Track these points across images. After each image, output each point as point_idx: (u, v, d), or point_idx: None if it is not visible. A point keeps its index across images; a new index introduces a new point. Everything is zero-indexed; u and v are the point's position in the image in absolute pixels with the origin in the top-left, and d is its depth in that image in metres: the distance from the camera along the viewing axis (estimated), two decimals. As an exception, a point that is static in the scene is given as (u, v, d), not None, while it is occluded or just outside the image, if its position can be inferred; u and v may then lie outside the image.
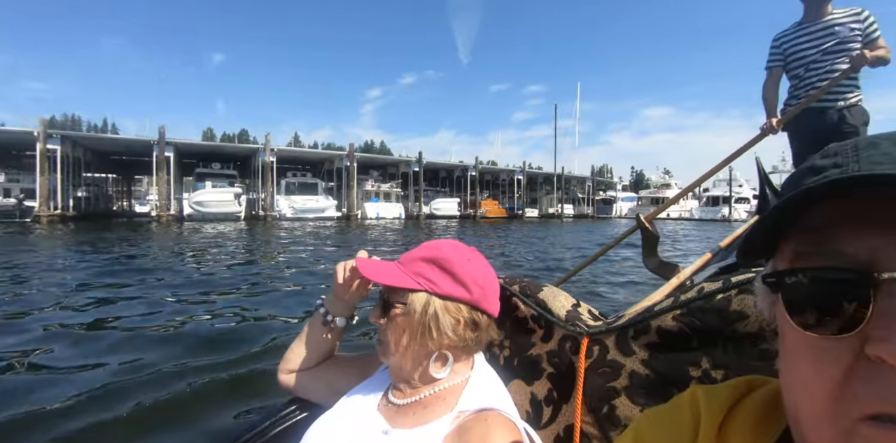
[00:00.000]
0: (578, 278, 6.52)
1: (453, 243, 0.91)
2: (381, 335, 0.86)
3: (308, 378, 1.04)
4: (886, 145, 0.34)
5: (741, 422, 0.45)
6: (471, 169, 43.92)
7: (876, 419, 0.30)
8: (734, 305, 0.75)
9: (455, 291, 0.84)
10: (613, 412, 0.83)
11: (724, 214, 49.36)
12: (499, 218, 43.29)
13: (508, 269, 8.46)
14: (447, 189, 49.66)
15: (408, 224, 29.39)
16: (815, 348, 0.34)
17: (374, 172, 41.82)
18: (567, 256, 10.73)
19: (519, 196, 48.69)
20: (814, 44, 2.83)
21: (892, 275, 0.31)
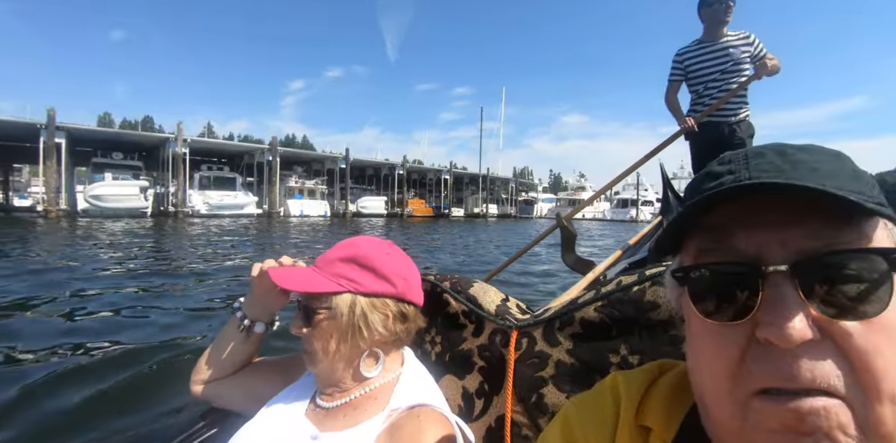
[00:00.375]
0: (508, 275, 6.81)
1: (369, 239, 0.89)
2: (307, 345, 0.83)
3: (226, 387, 0.98)
4: (770, 155, 0.39)
5: (655, 402, 0.49)
6: (398, 167, 43.68)
7: (765, 393, 0.34)
8: (648, 295, 0.82)
9: (379, 287, 0.83)
10: (542, 401, 0.87)
11: (632, 215, 54.05)
12: (426, 217, 43.59)
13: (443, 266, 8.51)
14: (373, 187, 49.14)
15: (334, 222, 28.55)
16: (716, 334, 0.38)
17: (297, 167, 40.18)
18: (497, 253, 11.14)
19: (446, 196, 49.27)
20: (714, 63, 3.18)
21: (777, 268, 0.35)
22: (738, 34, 3.15)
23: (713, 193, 0.37)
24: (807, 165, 0.37)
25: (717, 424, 0.39)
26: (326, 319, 0.81)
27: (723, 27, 3.15)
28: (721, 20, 3.11)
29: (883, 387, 0.33)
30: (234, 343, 0.97)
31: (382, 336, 0.83)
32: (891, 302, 0.34)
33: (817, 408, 0.33)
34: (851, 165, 0.40)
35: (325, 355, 0.81)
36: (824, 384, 0.33)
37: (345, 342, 0.81)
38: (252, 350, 1.00)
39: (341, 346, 0.81)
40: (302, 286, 0.81)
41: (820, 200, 0.34)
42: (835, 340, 0.34)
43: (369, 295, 0.82)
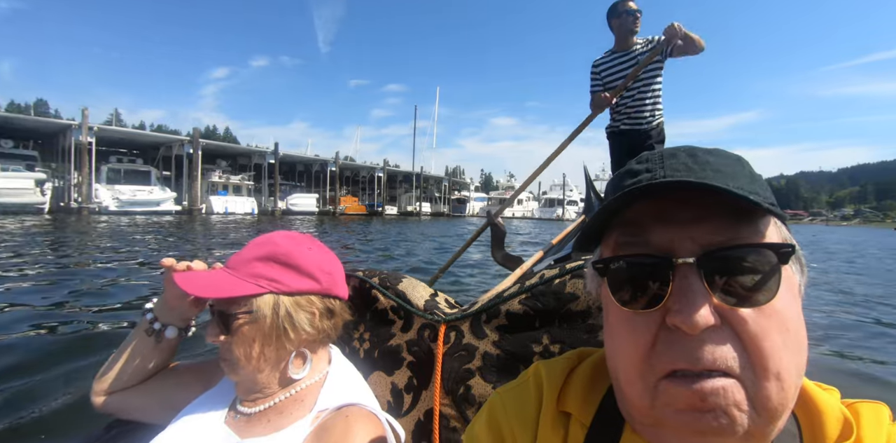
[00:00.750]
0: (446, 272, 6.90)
1: (286, 234, 0.85)
2: (225, 353, 0.78)
3: (134, 397, 0.89)
4: (682, 156, 0.42)
5: (575, 388, 0.52)
6: (330, 164, 42.57)
7: (673, 375, 0.38)
8: (568, 288, 0.86)
9: (303, 285, 0.80)
10: (469, 392, 0.90)
11: (559, 213, 56.99)
12: (359, 215, 42.93)
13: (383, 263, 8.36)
14: (304, 184, 47.55)
15: (261, 220, 27.14)
16: (631, 321, 0.41)
17: (221, 161, 37.85)
18: (436, 249, 11.19)
19: (379, 194, 48.76)
20: (627, 72, 3.22)
21: (685, 260, 0.38)
22: (644, 41, 3.27)
23: (633, 189, 0.40)
24: (713, 166, 0.41)
25: (631, 405, 0.42)
26: (247, 323, 0.76)
27: (632, 37, 3.26)
28: (630, 30, 3.23)
29: (770, 366, 0.37)
30: (143, 349, 0.88)
31: (310, 335, 0.80)
32: (778, 291, 0.38)
33: (717, 387, 0.36)
34: (749, 169, 0.44)
35: (247, 362, 0.76)
36: (723, 366, 0.36)
37: (270, 346, 0.77)
38: (164, 357, 0.92)
39: (266, 350, 0.77)
40: (216, 292, 0.75)
41: (724, 199, 0.38)
42: (733, 325, 0.37)
43: (293, 294, 0.79)
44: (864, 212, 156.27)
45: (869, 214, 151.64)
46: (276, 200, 36.27)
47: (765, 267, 0.39)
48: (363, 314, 1.10)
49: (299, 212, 37.69)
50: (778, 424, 0.39)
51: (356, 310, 1.06)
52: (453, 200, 63.37)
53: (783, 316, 0.39)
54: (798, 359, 0.39)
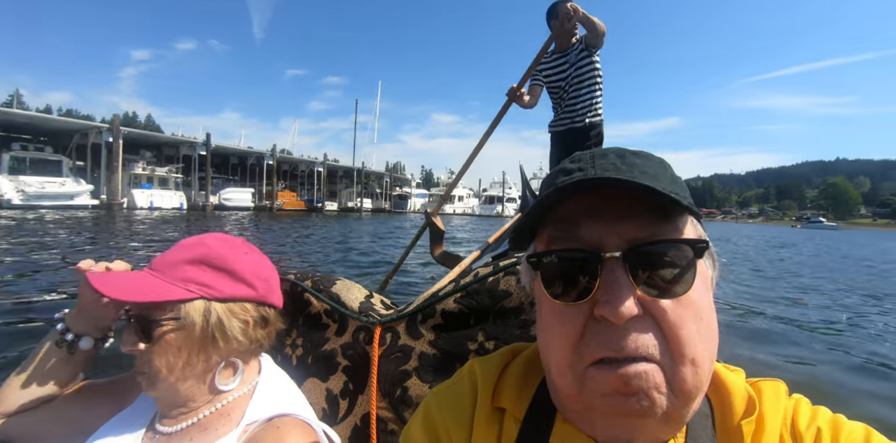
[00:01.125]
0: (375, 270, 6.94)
1: (220, 237, 0.81)
2: (144, 364, 0.71)
3: (38, 420, 0.80)
4: (612, 157, 0.45)
5: (509, 383, 0.53)
6: (267, 157, 40.75)
7: (600, 362, 0.40)
8: (502, 285, 0.87)
9: (238, 291, 0.75)
10: (406, 394, 0.89)
11: (498, 210, 58.53)
12: (298, 211, 41.43)
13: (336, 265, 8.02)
14: (237, 178, 45.19)
15: (192, 216, 25.34)
16: (562, 313, 0.43)
17: (145, 152, 34.92)
18: (383, 246, 11.03)
19: (319, 189, 47.35)
20: (567, 72, 3.36)
21: (613, 254, 0.41)
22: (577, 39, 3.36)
23: (566, 185, 0.42)
24: (639, 167, 0.44)
25: (561, 393, 0.45)
26: (173, 331, 0.70)
27: (571, 38, 3.33)
28: (568, 32, 3.28)
29: (686, 352, 0.40)
30: (52, 363, 0.79)
31: (241, 344, 0.76)
32: (694, 284, 0.42)
33: (639, 372, 0.39)
34: (671, 171, 0.47)
35: (170, 373, 0.71)
36: (645, 353, 0.39)
37: (197, 355, 0.72)
38: (74, 372, 0.82)
39: (193, 360, 0.72)
40: (140, 295, 0.68)
41: (648, 198, 0.40)
42: (654, 315, 0.40)
43: (226, 300, 0.74)
44: (767, 211, 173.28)
45: (771, 213, 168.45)
46: (208, 195, 34.31)
47: (682, 261, 0.42)
48: (295, 319, 1.06)
49: (233, 207, 35.71)
50: (693, 405, 0.42)
51: (288, 315, 1.02)
52: (395, 196, 62.88)
53: (698, 306, 0.42)
54: (710, 345, 0.43)
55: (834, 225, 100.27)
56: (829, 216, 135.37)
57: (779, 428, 0.44)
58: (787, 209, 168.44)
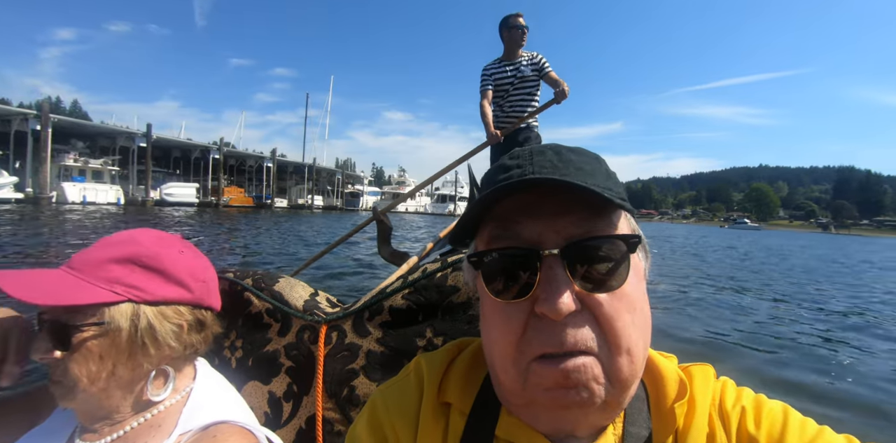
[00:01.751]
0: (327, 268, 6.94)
1: (152, 233, 0.74)
2: (59, 374, 0.63)
3: None
4: (549, 154, 0.46)
5: (455, 378, 0.54)
6: (213, 151, 39.10)
7: (541, 358, 0.42)
8: (450, 280, 0.87)
9: (171, 293, 0.69)
10: (353, 393, 0.87)
11: (451, 209, 59.17)
12: (245, 207, 40.14)
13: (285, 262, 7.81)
14: (179, 172, 43.06)
15: (129, 212, 23.93)
16: (504, 311, 0.44)
17: (77, 142, 32.59)
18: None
19: (267, 185, 45.99)
20: (512, 79, 3.69)
21: (551, 251, 0.42)
22: (528, 55, 3.71)
23: (503, 185, 0.42)
24: (575, 164, 0.45)
25: (505, 388, 0.46)
26: (95, 337, 0.63)
27: (519, 49, 3.69)
28: (518, 43, 3.65)
29: (621, 343, 0.41)
30: None
31: (174, 351, 0.70)
32: (628, 277, 0.43)
33: (578, 365, 0.40)
34: (606, 167, 0.49)
35: (91, 384, 0.64)
36: (583, 346, 0.41)
37: (124, 364, 0.65)
38: None
39: (119, 369, 0.65)
40: (55, 298, 0.61)
41: (584, 195, 0.42)
42: (591, 309, 0.42)
43: (158, 303, 0.68)
44: (699, 212, 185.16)
45: (702, 214, 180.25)
46: (149, 189, 32.52)
47: (617, 255, 0.43)
48: (234, 320, 1.01)
49: (176, 203, 34.14)
50: (630, 392, 0.44)
51: (226, 315, 0.98)
52: (347, 193, 62.06)
53: (632, 298, 0.44)
54: (644, 334, 0.45)
55: (757, 226, 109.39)
56: (753, 218, 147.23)
57: (708, 409, 0.47)
58: (716, 211, 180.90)
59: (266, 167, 45.79)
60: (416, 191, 4.06)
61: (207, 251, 8.60)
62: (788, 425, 0.44)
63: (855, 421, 2.75)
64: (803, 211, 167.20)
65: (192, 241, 0.80)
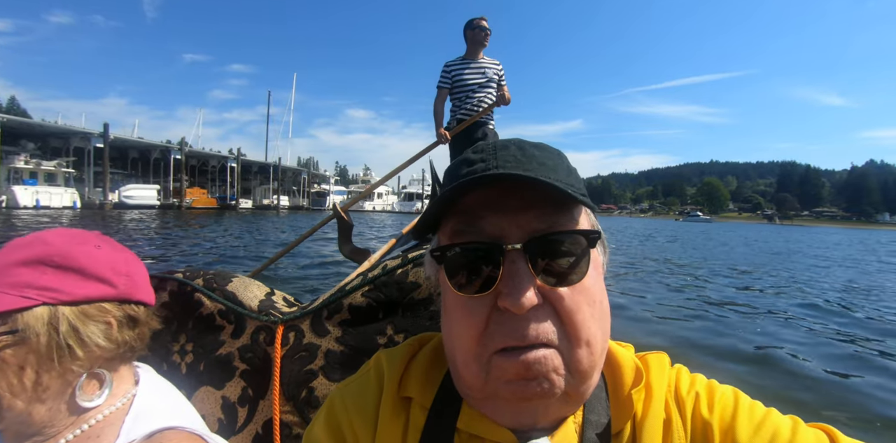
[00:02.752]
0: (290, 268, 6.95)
1: (64, 232, 0.70)
2: None
3: None
4: (513, 149, 0.47)
5: (415, 373, 0.55)
6: (174, 152, 37.92)
7: (503, 351, 0.42)
8: (410, 277, 0.86)
9: (92, 291, 0.65)
10: (312, 395, 0.84)
11: (418, 207, 59.36)
12: (209, 209, 39.13)
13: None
14: (136, 173, 41.62)
15: (85, 216, 22.96)
16: (466, 305, 0.45)
17: (28, 143, 31.07)
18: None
19: (231, 185, 45.02)
20: (475, 77, 3.87)
21: (514, 246, 0.43)
22: (492, 60, 3.96)
23: (467, 180, 0.43)
24: (538, 159, 0.46)
25: (466, 382, 0.46)
26: (10, 347, 0.60)
27: (481, 49, 3.90)
28: (481, 43, 3.85)
29: (581, 335, 0.43)
30: None
31: (106, 350, 0.66)
32: (588, 271, 0.45)
33: (539, 357, 0.41)
34: (567, 162, 0.50)
35: (14, 397, 0.60)
36: (545, 339, 0.42)
37: (49, 372, 0.62)
38: None
39: (44, 378, 0.62)
40: None
41: (546, 190, 0.43)
42: (552, 303, 0.43)
43: (78, 303, 0.64)
44: (655, 206, 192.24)
45: (658, 208, 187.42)
46: (107, 192, 31.24)
47: (578, 250, 0.44)
48: (184, 323, 0.97)
49: (136, 206, 33.05)
50: (590, 383, 0.45)
51: (175, 318, 0.97)
52: (313, 193, 61.38)
53: (591, 291, 0.45)
54: (604, 325, 0.46)
55: (708, 218, 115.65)
56: (705, 211, 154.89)
57: (664, 395, 0.48)
58: (672, 205, 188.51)
59: (230, 167, 44.78)
60: (372, 188, 4.11)
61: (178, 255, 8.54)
62: (739, 409, 0.46)
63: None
64: (751, 203, 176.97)
65: (158, 244, 0.88)
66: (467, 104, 3.89)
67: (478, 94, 3.87)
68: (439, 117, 3.92)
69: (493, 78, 3.90)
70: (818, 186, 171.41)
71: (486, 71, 3.88)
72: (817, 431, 0.44)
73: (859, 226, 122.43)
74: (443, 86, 3.93)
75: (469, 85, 3.88)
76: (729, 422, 0.45)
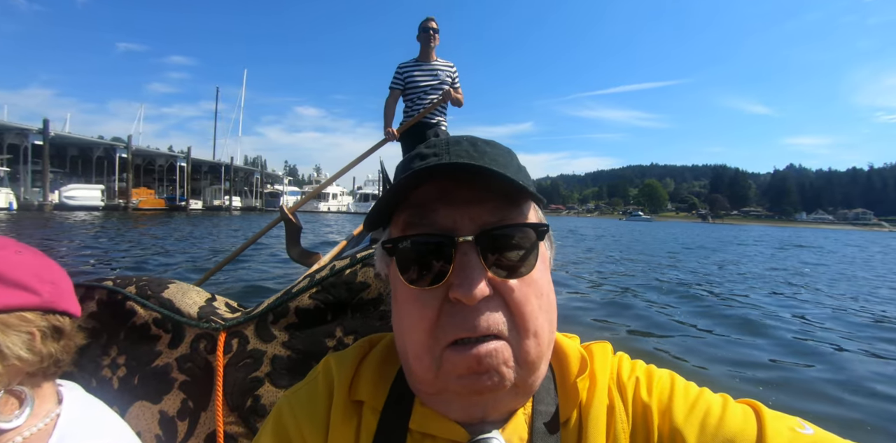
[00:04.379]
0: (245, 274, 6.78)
1: None
2: None
3: None
4: (465, 144, 0.48)
5: (367, 374, 0.54)
6: (119, 150, 36.28)
7: (455, 344, 0.43)
8: (359, 277, 0.85)
9: (12, 299, 0.60)
10: (258, 403, 0.81)
11: (374, 209, 59.04)
12: (157, 210, 37.68)
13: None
14: (77, 172, 39.26)
15: (24, 218, 21.79)
16: (417, 298, 0.45)
17: (-46, 140, 28.75)
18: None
19: (181, 185, 43.43)
20: (427, 79, 3.93)
21: (465, 238, 0.44)
22: (446, 62, 4.02)
23: (421, 169, 0.43)
24: (490, 156, 0.47)
25: (417, 377, 0.47)
26: None
27: (431, 51, 3.95)
28: (428, 44, 3.92)
29: (529, 326, 0.44)
30: None
31: (28, 364, 0.61)
32: (536, 264, 0.46)
33: (490, 349, 0.42)
34: (517, 160, 0.52)
35: None
36: (495, 330, 0.43)
37: None
38: None
39: None
40: None
41: (498, 184, 0.43)
42: (502, 295, 0.44)
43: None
44: (601, 206, 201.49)
45: (604, 208, 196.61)
46: (47, 192, 29.62)
47: (527, 243, 0.46)
48: (115, 334, 0.92)
49: (78, 207, 31.38)
50: (538, 374, 0.47)
51: (104, 330, 0.91)
52: (266, 193, 60.07)
53: (539, 284, 0.46)
54: (550, 317, 0.47)
55: (649, 218, 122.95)
56: (646, 211, 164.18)
57: (607, 382, 0.50)
58: (616, 205, 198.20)
59: (179, 167, 43.22)
60: (322, 188, 4.22)
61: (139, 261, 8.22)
62: (675, 390, 0.48)
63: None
64: (687, 203, 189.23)
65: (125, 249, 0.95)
66: (419, 105, 3.98)
67: (430, 95, 3.96)
68: (389, 116, 3.99)
69: (446, 80, 4.00)
70: (745, 187, 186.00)
71: (439, 73, 3.98)
72: (744, 406, 0.46)
73: (780, 224, 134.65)
74: (395, 87, 4.01)
75: (421, 86, 3.97)
76: (666, 403, 0.47)
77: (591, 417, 0.47)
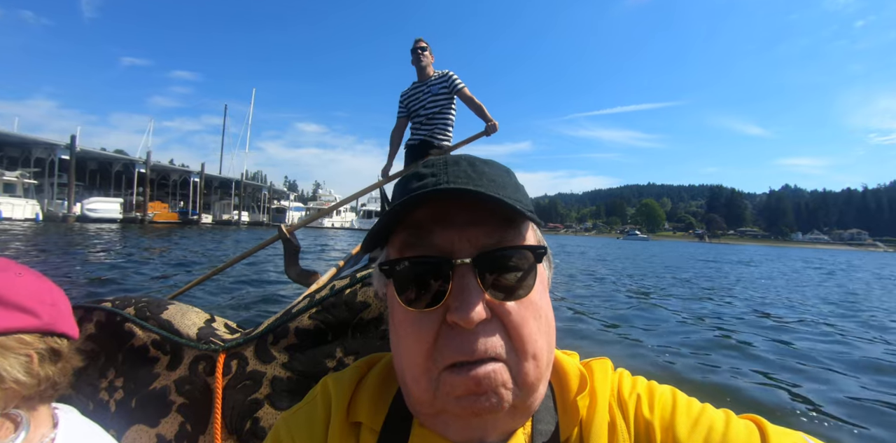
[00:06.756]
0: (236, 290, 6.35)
1: None
2: None
3: None
4: (463, 164, 0.48)
5: (365, 394, 0.53)
6: (138, 164, 37.64)
7: (452, 367, 0.42)
8: (360, 296, 0.84)
9: (11, 322, 0.60)
10: (257, 426, 0.80)
11: (378, 225, 60.18)
12: (171, 223, 38.80)
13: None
14: (95, 185, 40.75)
15: (50, 229, 22.50)
16: (415, 320, 0.44)
17: (-15, 153, 30.07)
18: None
19: (194, 200, 44.71)
20: (424, 97, 3.72)
21: (463, 260, 0.43)
22: (438, 74, 3.74)
23: (418, 195, 0.43)
24: (488, 176, 0.47)
25: (415, 399, 0.46)
26: None
27: (425, 70, 3.75)
28: (417, 63, 3.74)
29: (527, 349, 0.43)
30: None
31: (26, 386, 0.61)
32: (534, 286, 0.45)
33: (488, 371, 0.41)
34: (515, 179, 0.51)
35: None
36: (493, 353, 0.42)
37: None
38: None
39: None
40: None
41: (495, 206, 0.43)
42: (500, 317, 0.43)
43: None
44: (598, 225, 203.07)
45: (601, 227, 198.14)
46: (71, 204, 30.84)
47: (525, 265, 0.45)
48: (113, 356, 0.91)
49: (99, 219, 32.54)
50: (537, 395, 0.46)
51: (103, 352, 0.91)
52: (273, 209, 61.32)
53: (537, 305, 0.46)
54: (549, 338, 0.47)
55: (646, 237, 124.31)
56: (643, 230, 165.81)
57: (608, 399, 0.49)
58: (613, 224, 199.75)
59: (192, 182, 44.57)
60: (329, 211, 3.91)
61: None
62: (677, 407, 0.47)
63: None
64: (684, 223, 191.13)
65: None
66: (427, 125, 3.81)
67: (428, 110, 3.79)
68: (392, 146, 3.91)
69: (438, 92, 3.74)
70: (741, 207, 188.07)
71: (432, 88, 3.73)
72: (748, 421, 0.45)
73: (776, 244, 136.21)
74: (400, 115, 3.95)
75: (421, 105, 3.83)
76: (669, 420, 0.46)
77: (592, 434, 0.47)
